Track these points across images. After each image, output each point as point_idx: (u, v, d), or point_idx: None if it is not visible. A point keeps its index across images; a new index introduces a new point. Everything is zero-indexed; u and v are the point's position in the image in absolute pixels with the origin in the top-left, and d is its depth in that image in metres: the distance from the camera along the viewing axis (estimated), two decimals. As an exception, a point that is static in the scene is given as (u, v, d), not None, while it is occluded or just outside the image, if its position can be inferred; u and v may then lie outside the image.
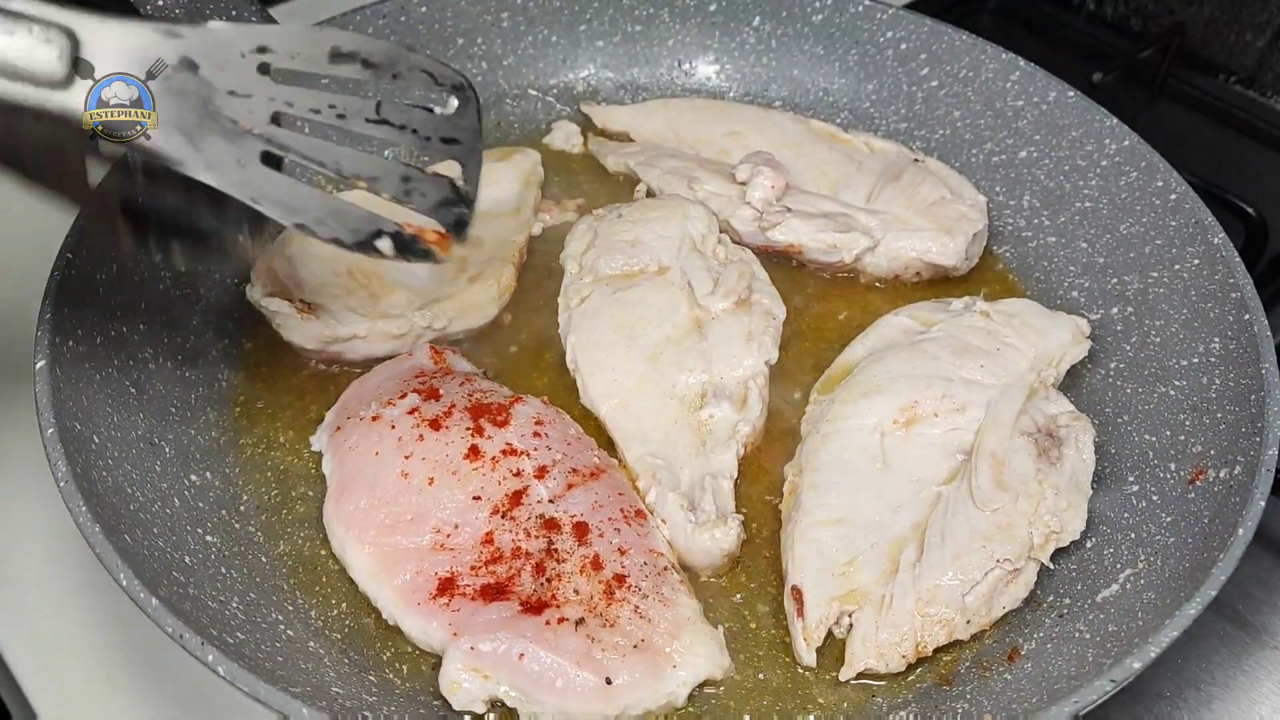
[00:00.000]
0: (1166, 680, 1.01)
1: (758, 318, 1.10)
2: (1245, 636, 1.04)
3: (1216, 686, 1.01)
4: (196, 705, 0.96)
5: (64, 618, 1.01)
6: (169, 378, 1.04)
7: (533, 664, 0.84)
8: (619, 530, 0.92)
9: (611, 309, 1.09)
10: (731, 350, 1.07)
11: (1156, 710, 0.99)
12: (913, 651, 0.88)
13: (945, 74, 1.32)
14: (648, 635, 0.86)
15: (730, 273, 1.12)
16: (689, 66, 1.42)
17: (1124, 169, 1.17)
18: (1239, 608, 1.06)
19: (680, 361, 1.06)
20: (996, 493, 0.94)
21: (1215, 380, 1.00)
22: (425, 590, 0.89)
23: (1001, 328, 1.08)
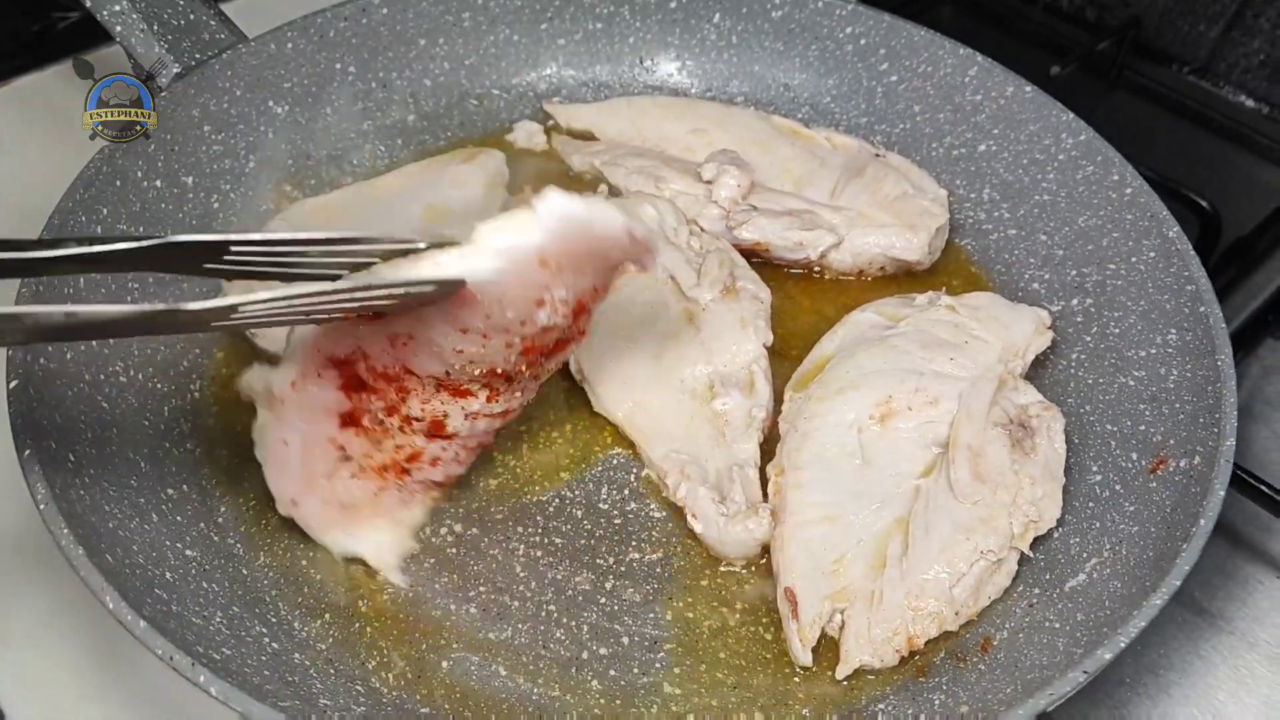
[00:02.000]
0: (1126, 667, 1.03)
1: (746, 303, 1.12)
2: (1202, 622, 1.07)
3: (1175, 672, 1.04)
4: (172, 711, 0.96)
5: (37, 630, 1.00)
6: (141, 390, 1.03)
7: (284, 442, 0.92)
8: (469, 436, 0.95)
9: (606, 315, 1.09)
10: (728, 339, 1.09)
11: (1116, 696, 1.02)
12: (905, 645, 0.91)
13: (904, 69, 1.34)
14: (361, 503, 0.94)
15: (711, 262, 1.13)
16: (651, 63, 1.43)
17: (1080, 163, 1.20)
18: (1196, 594, 1.09)
19: (683, 356, 1.08)
20: (976, 485, 0.96)
21: (1173, 371, 1.03)
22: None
23: (968, 320, 1.11)
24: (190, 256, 0.81)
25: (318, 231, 0.84)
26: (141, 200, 1.10)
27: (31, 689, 0.97)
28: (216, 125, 1.20)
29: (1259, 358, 1.31)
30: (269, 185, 1.24)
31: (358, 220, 1.20)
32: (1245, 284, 1.31)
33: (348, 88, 1.31)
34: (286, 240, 0.81)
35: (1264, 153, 1.54)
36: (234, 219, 1.20)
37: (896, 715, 0.87)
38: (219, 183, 1.19)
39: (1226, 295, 1.28)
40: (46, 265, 0.76)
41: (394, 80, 1.34)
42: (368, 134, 1.32)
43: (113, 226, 1.07)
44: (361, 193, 1.24)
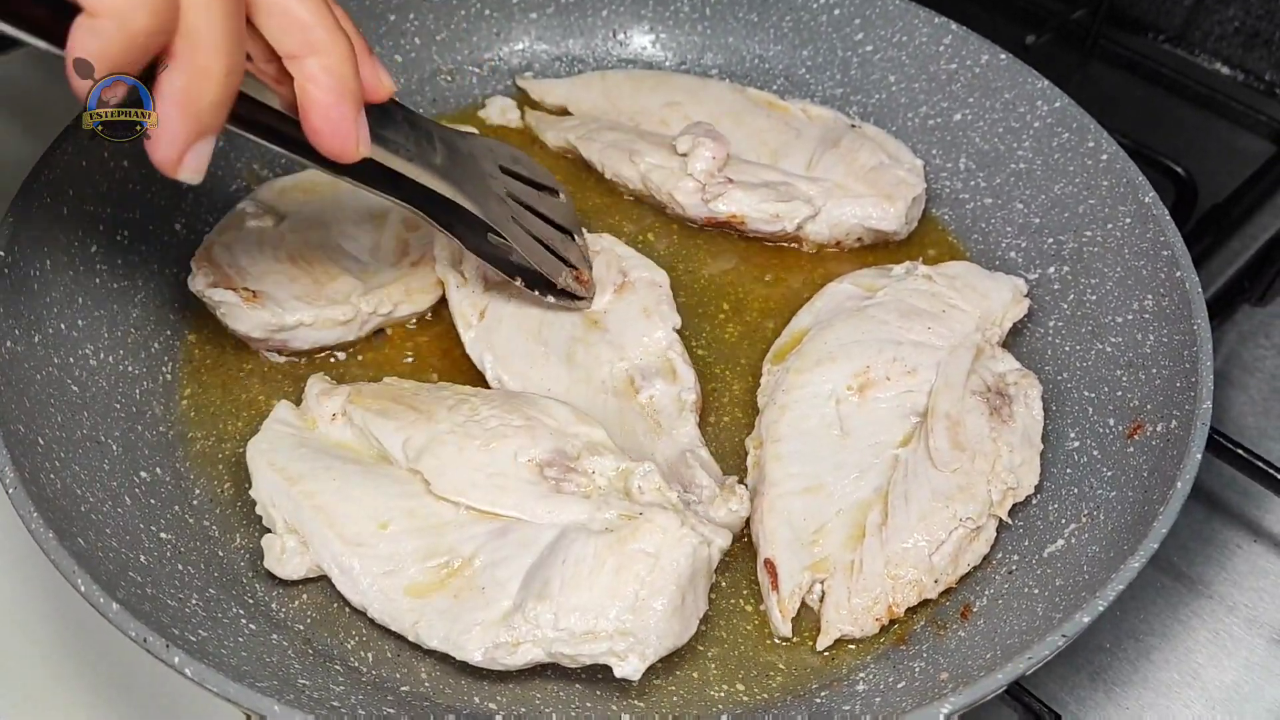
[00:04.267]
0: (1106, 632, 1.04)
1: (644, 292, 1.11)
2: (1181, 587, 1.08)
3: (1155, 637, 1.04)
4: (159, 703, 0.96)
5: (14, 623, 1.00)
6: (112, 374, 1.02)
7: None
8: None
9: (514, 317, 1.08)
10: (636, 331, 1.08)
11: (1097, 661, 1.03)
12: (885, 614, 0.91)
13: (879, 39, 1.33)
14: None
15: (599, 265, 1.13)
16: (624, 36, 1.42)
17: (1056, 130, 1.19)
18: (1174, 559, 1.09)
19: (595, 357, 1.06)
20: (955, 453, 0.96)
21: (1150, 336, 1.03)
22: None
23: (945, 290, 1.10)
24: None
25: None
26: (109, 180, 1.09)
27: (7, 683, 0.96)
28: (184, 104, 1.18)
29: (1235, 324, 1.31)
30: (239, 164, 1.23)
31: (332, 198, 1.19)
32: (1221, 250, 1.32)
33: (317, 65, 1.29)
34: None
35: (1239, 119, 1.54)
36: (203, 199, 1.18)
37: (877, 683, 0.87)
38: (188, 162, 1.17)
39: (1203, 262, 1.28)
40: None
41: (364, 56, 1.32)
42: (338, 111, 1.31)
43: (79, 207, 1.05)
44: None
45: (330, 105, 0.79)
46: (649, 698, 0.88)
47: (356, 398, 1.00)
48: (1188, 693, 1.01)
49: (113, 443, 0.97)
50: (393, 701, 0.85)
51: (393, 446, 0.97)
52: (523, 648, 0.86)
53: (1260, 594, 1.08)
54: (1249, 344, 1.30)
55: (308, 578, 0.93)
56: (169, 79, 0.72)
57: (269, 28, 0.76)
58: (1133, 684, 1.02)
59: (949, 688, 0.79)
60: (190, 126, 0.74)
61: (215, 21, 0.70)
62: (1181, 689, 1.02)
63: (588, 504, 0.92)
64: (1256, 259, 1.31)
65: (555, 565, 0.88)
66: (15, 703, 0.96)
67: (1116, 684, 1.02)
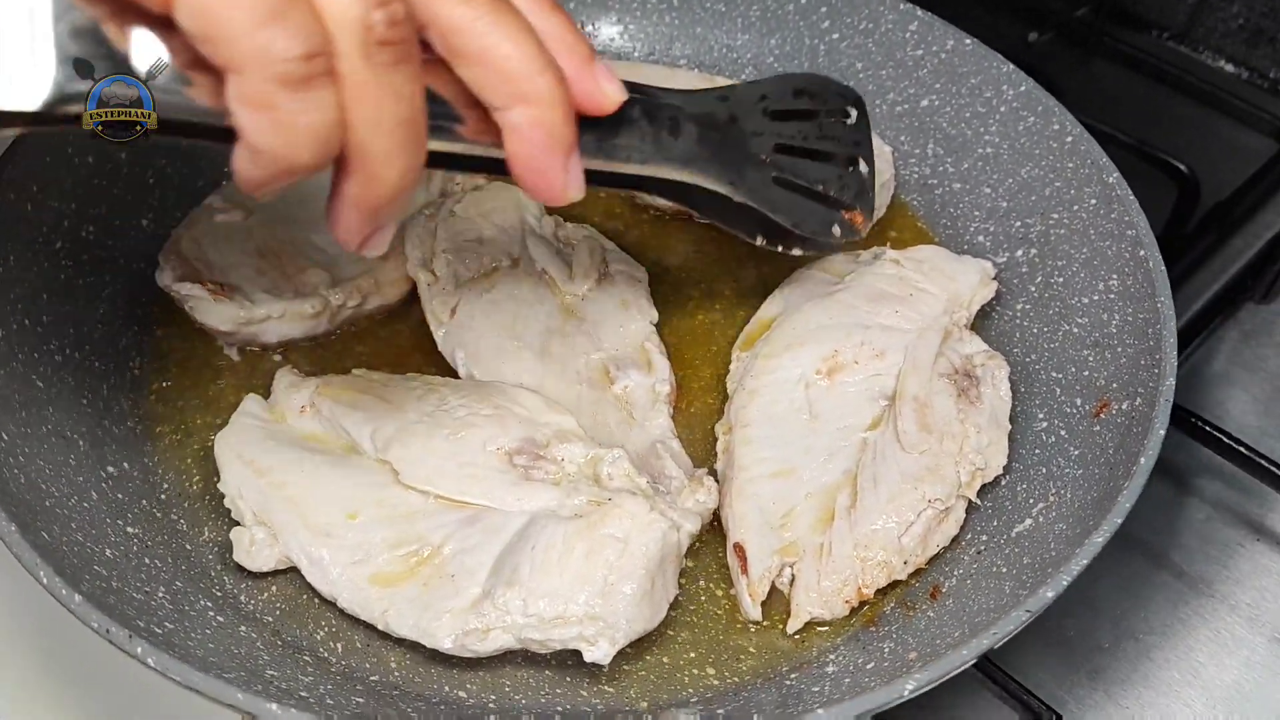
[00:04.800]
0: (1105, 631, 1.04)
1: (623, 285, 1.11)
2: (1182, 586, 1.08)
3: (1155, 635, 1.04)
4: (144, 705, 0.96)
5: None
6: (78, 369, 1.02)
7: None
8: None
9: (486, 313, 1.08)
10: (613, 322, 1.08)
11: (1096, 661, 1.03)
12: (855, 595, 0.91)
13: (846, 26, 1.33)
14: None
15: (581, 253, 1.12)
16: (592, 28, 1.42)
17: (1021, 114, 1.20)
18: (1175, 558, 1.10)
19: (572, 347, 1.06)
20: (923, 435, 0.97)
21: (1115, 316, 1.04)
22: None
23: (912, 274, 1.10)
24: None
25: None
26: (74, 177, 1.08)
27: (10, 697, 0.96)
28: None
29: (1238, 322, 1.32)
30: (205, 160, 1.22)
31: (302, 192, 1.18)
32: (1224, 248, 1.31)
33: (284, 59, 1.28)
34: None
35: (1242, 117, 1.54)
36: (171, 194, 1.17)
37: (847, 665, 0.87)
38: (154, 157, 1.17)
39: (1206, 260, 1.28)
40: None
41: (331, 50, 1.32)
42: (306, 106, 1.30)
43: (44, 204, 1.05)
44: (301, 165, 1.22)
45: (536, 159, 0.73)
46: (619, 682, 0.88)
47: (325, 389, 1.00)
48: (1188, 692, 1.01)
49: (79, 438, 0.97)
50: (362, 691, 0.85)
51: (361, 437, 0.97)
52: (492, 634, 0.86)
53: (1262, 593, 1.08)
54: (1251, 342, 1.30)
55: (277, 569, 0.93)
56: (343, 183, 0.68)
57: (471, 79, 0.70)
58: (1133, 683, 1.02)
59: (916, 666, 0.79)
60: (367, 221, 0.71)
61: (384, 136, 0.65)
62: (1182, 688, 1.02)
63: (557, 491, 0.92)
64: (1259, 257, 1.30)
65: (524, 552, 0.88)
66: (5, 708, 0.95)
67: (1116, 683, 1.02)
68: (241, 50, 0.58)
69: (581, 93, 0.76)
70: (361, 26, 0.62)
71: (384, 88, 0.64)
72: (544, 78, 0.70)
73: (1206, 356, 1.28)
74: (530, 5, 0.73)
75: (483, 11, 0.68)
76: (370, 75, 0.63)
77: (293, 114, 0.61)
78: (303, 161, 0.63)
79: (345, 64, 0.62)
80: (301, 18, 0.59)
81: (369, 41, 0.62)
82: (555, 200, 0.76)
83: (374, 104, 0.63)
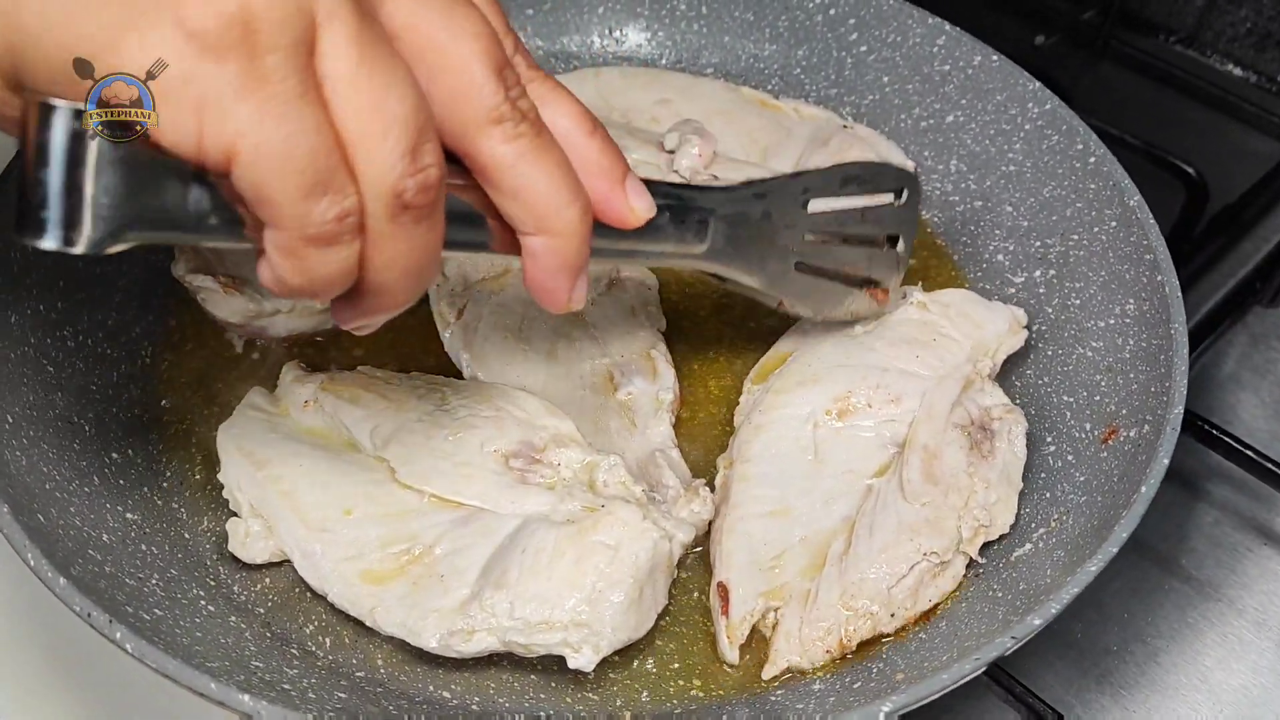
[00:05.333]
0: (1113, 635, 1.03)
1: (633, 292, 1.11)
2: (1190, 590, 1.06)
3: (1162, 640, 1.03)
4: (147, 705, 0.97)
5: (8, 619, 1.01)
6: (90, 356, 1.03)
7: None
8: None
9: (493, 315, 1.08)
10: (621, 329, 1.07)
11: (1104, 665, 1.01)
12: (836, 646, 0.88)
13: (874, 39, 1.32)
14: None
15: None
16: (620, 34, 1.42)
17: (1046, 132, 1.18)
18: (1183, 562, 1.08)
19: (577, 352, 1.06)
20: (927, 486, 0.94)
21: (1129, 341, 1.02)
22: None
23: (938, 318, 1.07)
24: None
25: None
26: (96, 166, 1.10)
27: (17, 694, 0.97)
28: (175, 93, 1.19)
29: (1247, 325, 1.30)
30: (229, 153, 1.24)
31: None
32: (1233, 252, 1.30)
33: (311, 56, 1.30)
34: None
35: (1251, 120, 1.51)
36: (192, 186, 1.19)
37: (833, 683, 0.86)
38: (177, 150, 1.19)
39: (1214, 263, 1.27)
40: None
41: (358, 49, 1.33)
42: (331, 103, 1.31)
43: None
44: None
45: (547, 279, 0.76)
46: (603, 690, 0.88)
47: (329, 385, 1.01)
48: (1196, 696, 1.00)
49: (86, 423, 0.98)
50: (346, 686, 0.85)
51: (361, 434, 0.97)
52: (477, 636, 0.86)
53: (1270, 597, 1.06)
54: (1260, 346, 1.29)
55: (271, 562, 0.94)
56: (351, 295, 0.70)
57: (503, 206, 0.73)
58: (1140, 687, 1.00)
59: (901, 688, 0.78)
60: (365, 320, 0.74)
61: (398, 276, 0.68)
62: (1189, 692, 1.00)
63: (551, 495, 0.92)
64: (1268, 261, 1.28)
65: (515, 555, 0.88)
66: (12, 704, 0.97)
67: (1124, 687, 1.00)
68: (284, 214, 0.62)
69: (610, 211, 0.79)
70: (393, 193, 0.64)
71: (404, 241, 0.67)
72: (570, 210, 0.73)
73: (1215, 360, 1.26)
74: (573, 125, 0.78)
75: (524, 149, 0.71)
76: (393, 231, 0.66)
77: (316, 264, 0.64)
78: (318, 295, 0.67)
79: (372, 222, 0.65)
80: (340, 187, 0.62)
81: (397, 206, 0.65)
82: (556, 310, 0.79)
83: (392, 253, 0.67)
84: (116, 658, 0.88)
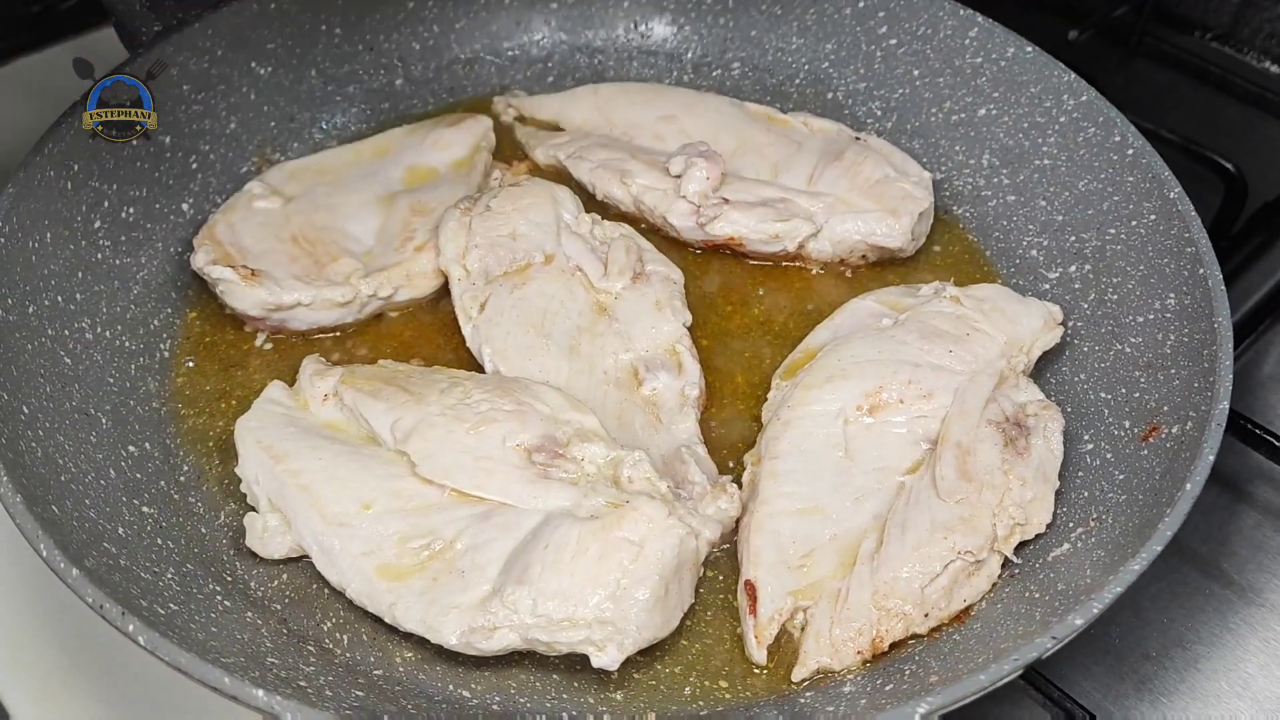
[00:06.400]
0: (1152, 640, 1.00)
1: (658, 286, 1.08)
2: (1231, 595, 1.04)
3: (1203, 645, 1.00)
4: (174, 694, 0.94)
5: (27, 616, 0.99)
6: (107, 348, 1.02)
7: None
8: None
9: (515, 309, 1.06)
10: (646, 323, 1.05)
11: (1142, 670, 0.98)
12: (868, 647, 0.86)
13: (904, 32, 1.30)
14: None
15: (618, 250, 1.10)
16: (645, 28, 1.40)
17: (1082, 125, 1.15)
18: (1224, 566, 1.05)
19: (601, 347, 1.04)
20: (960, 483, 0.91)
21: (1170, 336, 0.99)
22: None
23: (972, 313, 1.04)
24: None
25: None
26: (115, 158, 1.09)
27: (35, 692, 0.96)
28: (196, 85, 1.18)
29: None
30: (250, 147, 1.23)
31: (342, 182, 1.19)
32: (1274, 249, 1.27)
33: (333, 50, 1.29)
34: None
35: (1289, 118, 1.49)
36: (212, 180, 1.18)
37: (864, 685, 0.83)
38: (198, 143, 1.18)
39: (1253, 260, 1.24)
40: None
41: (381, 43, 1.32)
42: (354, 97, 1.30)
43: (84, 183, 1.06)
44: (342, 156, 1.22)
45: None
46: (627, 690, 0.85)
47: (349, 379, 0.99)
48: (1237, 704, 0.97)
49: (103, 416, 0.97)
50: (364, 685, 0.83)
51: (381, 428, 0.95)
52: (499, 633, 0.84)
53: None
54: None
55: (289, 558, 0.92)
56: None
57: None
58: (1180, 693, 0.97)
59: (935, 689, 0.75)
60: None
61: None
62: (1231, 699, 0.97)
63: (574, 490, 0.90)
64: None
65: (537, 550, 0.86)
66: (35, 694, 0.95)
67: (1163, 694, 0.98)
68: None
69: None
70: None
71: None
72: None
73: (1256, 359, 1.22)
74: None
75: None
76: None
77: None
78: None
79: None
80: None
81: None
82: None
83: None
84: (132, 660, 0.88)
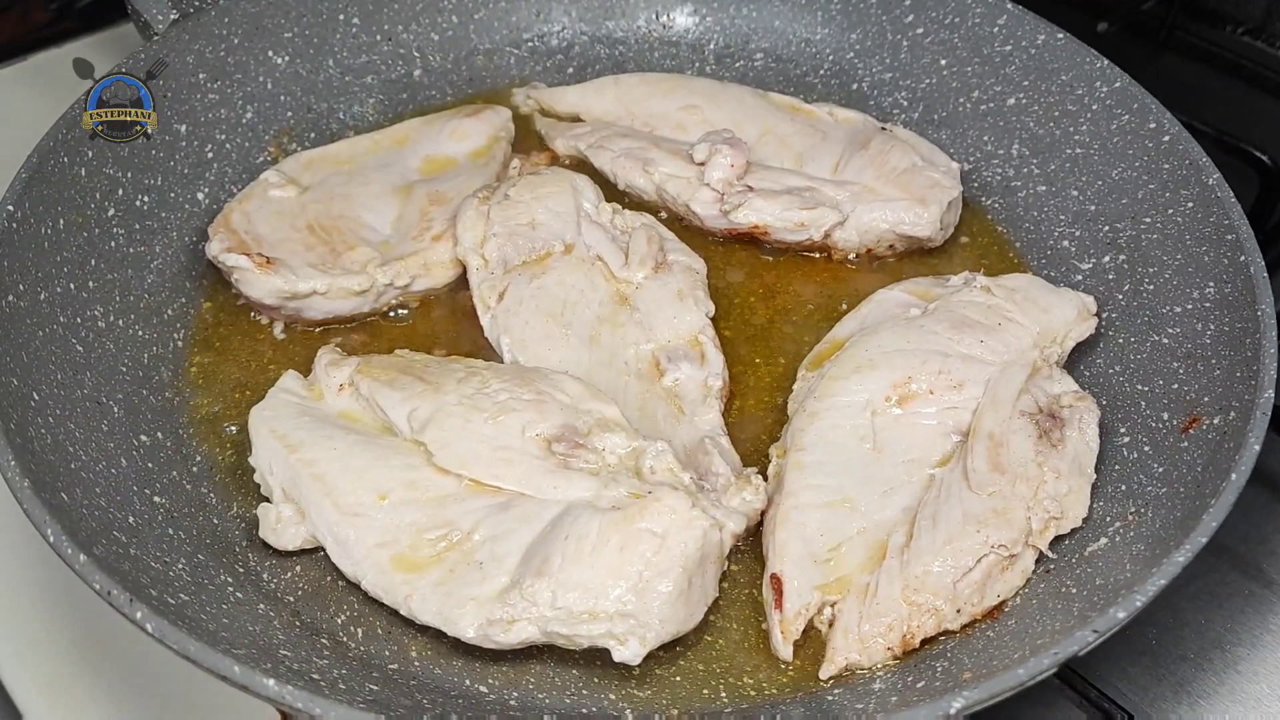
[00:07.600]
0: (1190, 642, 0.98)
1: (680, 276, 1.06)
2: (1271, 595, 1.01)
3: (1243, 647, 0.98)
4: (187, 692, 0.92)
5: (40, 612, 0.97)
6: (120, 337, 1.01)
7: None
8: None
9: (534, 299, 1.04)
10: (668, 313, 1.03)
11: (1180, 672, 0.96)
12: (899, 643, 0.83)
13: (930, 20, 1.28)
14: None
15: (639, 240, 1.07)
16: (667, 19, 1.38)
17: (1115, 112, 1.12)
18: (1264, 566, 1.02)
19: (622, 338, 1.02)
20: (993, 475, 0.88)
21: (1210, 326, 0.96)
22: None
23: (1004, 303, 1.01)
24: None
25: None
26: (131, 146, 1.08)
27: (46, 690, 0.94)
28: (213, 74, 1.17)
29: None
30: (267, 136, 1.21)
31: (359, 171, 1.17)
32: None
33: (351, 40, 1.27)
34: None
35: (1322, 112, 1.46)
36: (228, 169, 1.16)
37: (895, 682, 0.81)
38: (214, 132, 1.16)
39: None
40: None
41: (399, 33, 1.30)
42: (371, 88, 1.29)
43: (99, 170, 1.04)
44: (358, 145, 1.20)
45: None
46: (650, 686, 0.83)
47: (365, 368, 0.97)
48: (1277, 707, 0.94)
49: (115, 405, 0.95)
50: (378, 679, 0.81)
51: (398, 417, 0.93)
52: (517, 625, 0.81)
53: None
54: None
55: (303, 549, 0.90)
56: None
57: None
58: (1218, 696, 0.95)
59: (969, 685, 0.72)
60: None
61: None
62: (1272, 702, 0.94)
63: (595, 481, 0.87)
64: None
65: (557, 541, 0.83)
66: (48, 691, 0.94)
67: (1201, 696, 0.95)
68: None
69: None
70: None
71: None
72: None
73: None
74: None
75: None
76: None
77: None
78: None
79: None
80: None
81: None
82: None
83: None
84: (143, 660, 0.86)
